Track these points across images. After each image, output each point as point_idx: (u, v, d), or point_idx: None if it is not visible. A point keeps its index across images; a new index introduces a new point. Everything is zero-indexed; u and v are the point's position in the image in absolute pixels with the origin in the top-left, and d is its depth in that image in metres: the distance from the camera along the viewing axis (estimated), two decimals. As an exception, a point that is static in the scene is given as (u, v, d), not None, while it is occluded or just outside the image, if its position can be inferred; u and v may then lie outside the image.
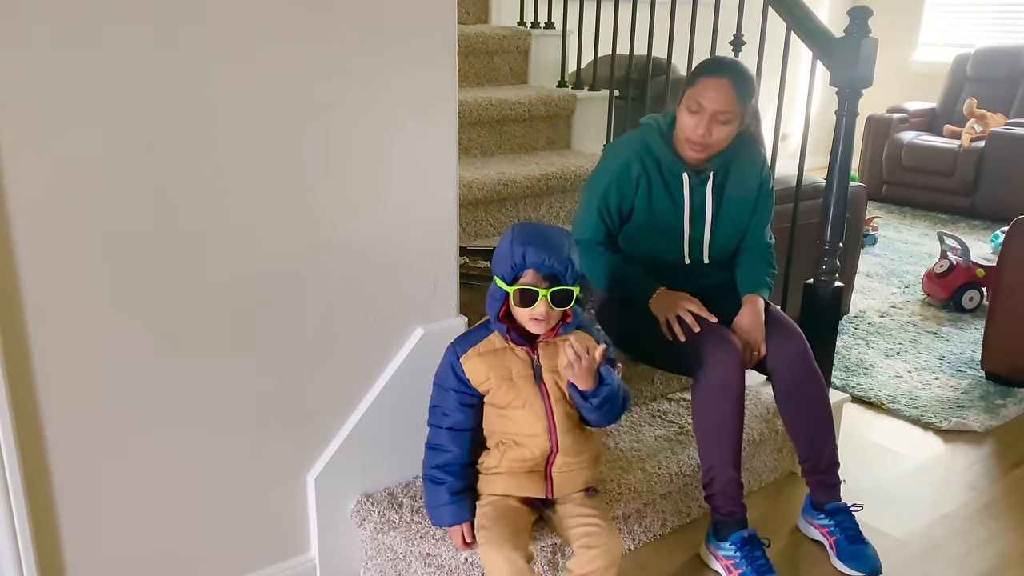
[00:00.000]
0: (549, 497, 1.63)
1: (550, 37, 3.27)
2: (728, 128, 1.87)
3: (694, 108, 1.86)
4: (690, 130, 1.88)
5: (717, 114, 1.85)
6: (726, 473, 1.84)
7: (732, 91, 1.84)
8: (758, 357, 1.92)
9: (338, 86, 1.53)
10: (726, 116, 1.85)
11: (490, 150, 2.91)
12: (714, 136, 1.87)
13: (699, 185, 1.97)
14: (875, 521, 2.07)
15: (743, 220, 2.04)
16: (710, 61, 1.94)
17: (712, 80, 1.85)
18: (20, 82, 1.23)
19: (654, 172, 1.95)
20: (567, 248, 1.52)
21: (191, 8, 1.35)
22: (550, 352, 1.58)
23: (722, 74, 1.85)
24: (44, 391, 1.36)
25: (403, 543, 1.66)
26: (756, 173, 2.03)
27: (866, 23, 2.03)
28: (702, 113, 1.85)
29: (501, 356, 1.58)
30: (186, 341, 1.48)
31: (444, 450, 1.61)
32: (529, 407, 1.57)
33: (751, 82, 1.89)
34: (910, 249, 4.57)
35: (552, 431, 1.58)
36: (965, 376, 2.96)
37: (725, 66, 1.88)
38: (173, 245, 1.43)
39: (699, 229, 2.00)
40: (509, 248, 1.51)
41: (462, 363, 1.58)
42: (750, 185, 2.02)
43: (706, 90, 1.85)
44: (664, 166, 1.96)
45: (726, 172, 1.99)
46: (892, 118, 5.68)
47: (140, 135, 1.35)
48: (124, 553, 1.52)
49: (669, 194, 1.96)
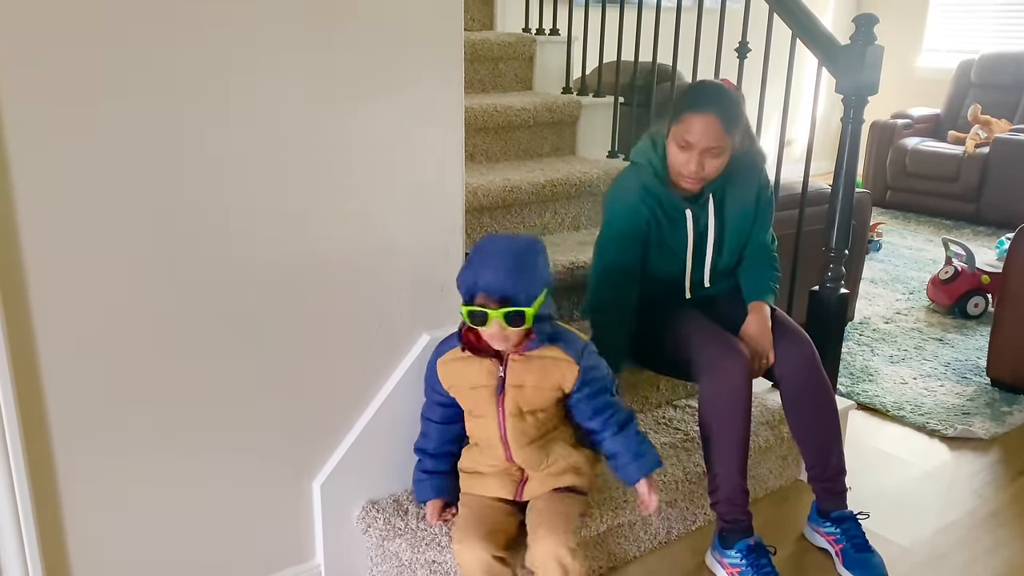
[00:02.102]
0: (518, 499, 1.65)
1: (555, 43, 3.27)
2: (720, 160, 1.84)
3: (683, 145, 1.83)
4: (683, 166, 1.85)
5: (708, 150, 1.82)
6: (731, 481, 1.83)
7: (719, 125, 1.79)
8: (767, 365, 1.92)
9: (343, 92, 1.53)
10: (716, 150, 1.82)
11: (495, 156, 2.91)
12: (707, 169, 1.84)
13: (700, 211, 1.95)
14: (880, 529, 2.06)
15: (745, 228, 2.03)
16: (692, 94, 1.88)
17: (698, 116, 1.80)
18: (26, 82, 1.24)
19: (659, 213, 1.92)
20: (526, 267, 1.50)
21: (192, 9, 1.35)
22: (518, 368, 1.58)
23: (707, 109, 1.79)
24: (50, 397, 1.36)
25: (408, 550, 1.66)
26: (754, 182, 2.00)
27: (871, 30, 2.02)
28: (692, 149, 1.82)
29: (468, 364, 1.60)
30: (191, 346, 1.48)
31: (424, 435, 1.72)
32: (485, 419, 1.61)
33: (736, 107, 1.84)
34: (915, 255, 4.56)
35: (505, 445, 1.61)
36: (970, 383, 2.95)
37: (710, 99, 1.82)
38: (175, 249, 1.43)
39: (703, 253, 1.98)
40: (465, 270, 1.54)
41: (437, 366, 1.65)
42: (749, 195, 2.00)
43: (692, 126, 1.80)
44: (667, 206, 1.93)
45: (724, 190, 1.97)
46: (896, 124, 5.67)
47: (142, 137, 1.35)
48: (129, 560, 1.52)
49: (675, 231, 1.94)
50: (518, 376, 1.58)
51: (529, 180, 2.63)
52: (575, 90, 3.20)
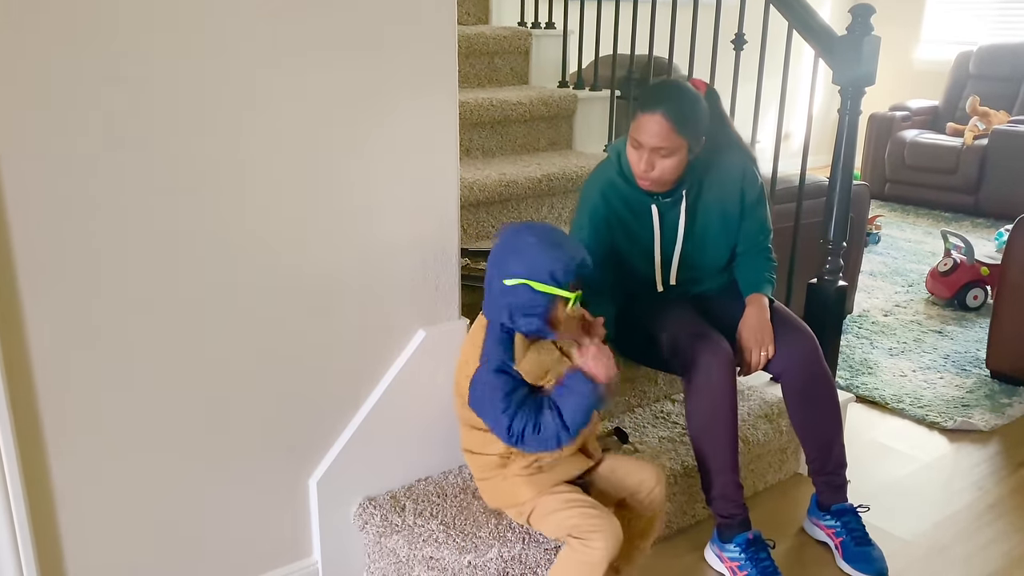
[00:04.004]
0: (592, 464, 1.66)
1: (551, 37, 3.26)
2: (672, 160, 1.82)
3: (635, 144, 1.83)
4: (634, 165, 1.85)
5: (656, 150, 1.80)
6: (723, 476, 1.83)
7: (668, 125, 1.77)
8: (766, 357, 1.91)
9: (338, 90, 1.52)
10: (665, 151, 1.80)
11: (491, 151, 2.90)
12: (657, 170, 1.82)
13: (670, 208, 1.93)
14: (880, 522, 2.06)
15: (731, 229, 1.99)
16: (647, 93, 1.89)
17: (647, 117, 1.79)
18: (22, 88, 1.23)
19: (622, 209, 1.91)
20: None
21: (192, 12, 1.34)
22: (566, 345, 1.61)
23: (655, 108, 1.78)
24: (44, 394, 1.35)
25: (406, 547, 1.66)
26: (737, 181, 1.97)
27: (868, 21, 2.01)
28: (642, 148, 1.81)
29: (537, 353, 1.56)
30: (186, 344, 1.47)
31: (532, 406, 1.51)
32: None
33: (692, 108, 1.81)
34: (913, 248, 4.56)
35: None
36: (970, 375, 2.95)
37: (660, 98, 1.80)
38: (173, 250, 1.42)
39: (671, 251, 1.97)
40: (551, 252, 1.48)
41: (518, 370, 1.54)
42: (731, 195, 1.97)
43: (642, 127, 1.79)
44: (631, 201, 1.92)
45: (700, 188, 1.95)
46: (895, 116, 5.66)
47: (141, 139, 1.34)
48: (125, 557, 1.51)
49: (640, 225, 1.93)
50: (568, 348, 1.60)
51: (526, 175, 2.62)
52: (571, 84, 3.19)
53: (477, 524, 1.69)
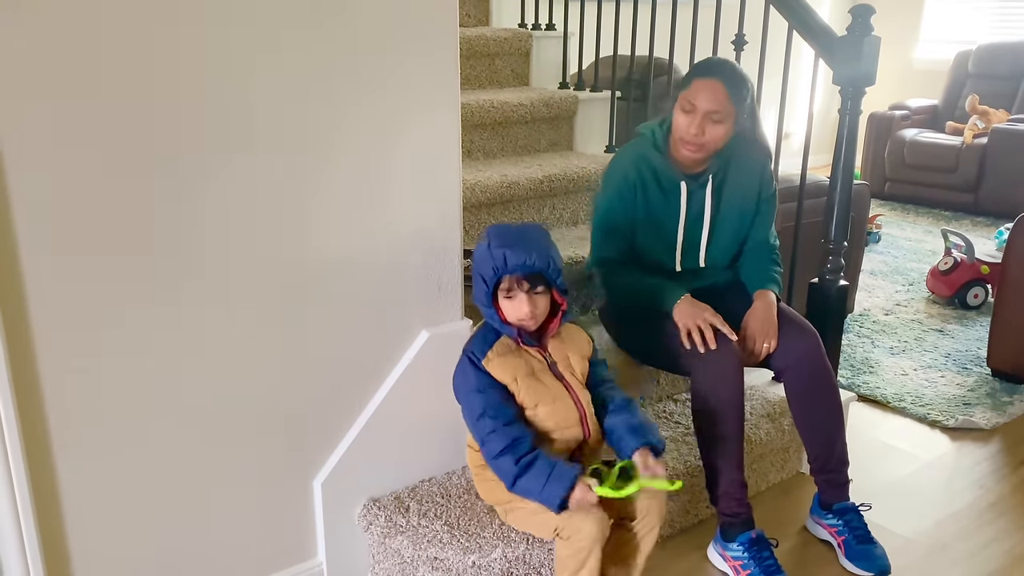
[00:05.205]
0: None
1: (551, 38, 3.26)
2: (722, 127, 1.89)
3: (687, 108, 1.88)
4: (684, 130, 1.89)
5: (710, 113, 1.86)
6: (728, 474, 1.83)
7: (724, 91, 1.86)
8: (769, 350, 1.92)
9: (340, 92, 1.53)
10: (719, 115, 1.87)
11: (492, 152, 2.91)
12: (707, 135, 1.88)
13: (698, 190, 1.98)
14: (882, 520, 2.06)
15: (744, 223, 2.04)
16: (703, 63, 1.97)
17: (704, 81, 1.87)
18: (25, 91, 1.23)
19: (651, 182, 1.96)
20: (549, 242, 1.58)
21: (192, 13, 1.35)
22: (556, 344, 1.64)
23: (714, 75, 1.87)
24: (49, 393, 1.36)
25: (410, 547, 1.66)
26: (756, 176, 2.03)
27: (868, 21, 2.02)
28: (695, 113, 1.87)
29: (517, 356, 1.61)
30: (190, 345, 1.48)
31: (519, 439, 1.53)
32: (560, 401, 1.60)
33: (744, 82, 1.90)
34: (914, 247, 4.56)
35: (584, 420, 1.62)
36: (971, 374, 2.95)
37: (717, 67, 1.91)
38: (174, 251, 1.43)
39: (697, 233, 2.00)
40: (488, 252, 1.55)
41: (486, 368, 1.59)
42: (750, 189, 2.03)
43: (699, 91, 1.87)
44: (661, 176, 1.96)
45: (724, 175, 2.00)
46: (894, 115, 5.66)
47: (141, 140, 1.35)
48: (130, 558, 1.52)
49: (667, 203, 1.97)
50: (559, 352, 1.64)
51: (527, 176, 2.63)
52: (572, 85, 3.19)
53: (481, 524, 1.70)
